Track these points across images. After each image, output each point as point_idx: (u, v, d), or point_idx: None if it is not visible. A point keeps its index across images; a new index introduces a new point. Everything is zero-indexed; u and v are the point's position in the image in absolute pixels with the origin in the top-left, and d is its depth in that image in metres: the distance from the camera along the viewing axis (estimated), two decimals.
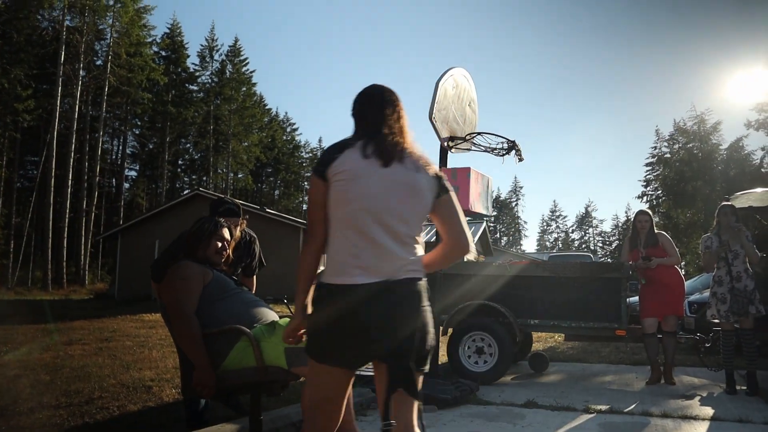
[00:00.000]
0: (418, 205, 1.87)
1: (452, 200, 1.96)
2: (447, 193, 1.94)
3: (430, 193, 1.89)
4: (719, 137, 31.03)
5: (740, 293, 5.08)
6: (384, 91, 2.04)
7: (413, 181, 1.85)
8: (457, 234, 1.96)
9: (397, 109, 1.99)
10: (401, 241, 1.83)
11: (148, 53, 36.12)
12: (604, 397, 4.92)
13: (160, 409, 4.43)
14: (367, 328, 1.76)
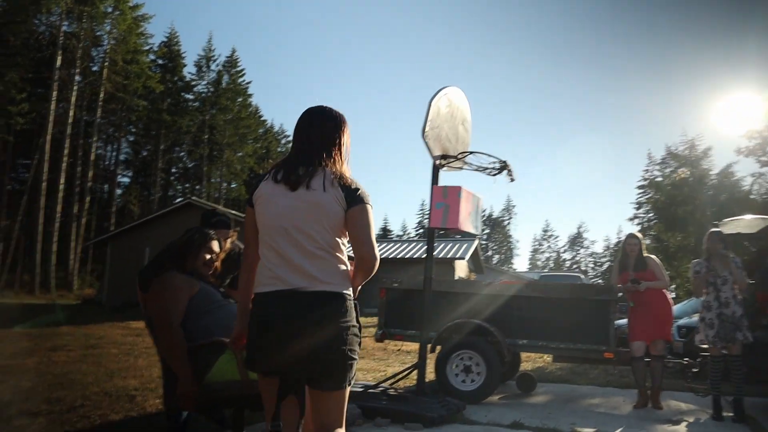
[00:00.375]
0: (324, 220, 1.98)
1: (360, 212, 2.02)
2: (356, 206, 2.00)
3: (338, 206, 1.99)
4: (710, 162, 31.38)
5: (728, 319, 5.09)
6: (312, 113, 2.19)
7: (318, 199, 2.00)
8: (359, 244, 2.01)
9: (322, 131, 2.12)
10: (310, 255, 1.98)
11: (145, 61, 36.21)
12: (591, 420, 4.90)
13: (142, 419, 4.39)
14: (271, 333, 1.96)
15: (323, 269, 1.97)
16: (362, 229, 2.01)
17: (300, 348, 1.92)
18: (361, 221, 2.01)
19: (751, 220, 6.30)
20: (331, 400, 2.01)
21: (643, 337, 5.62)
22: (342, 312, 1.97)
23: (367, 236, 2.00)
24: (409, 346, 9.68)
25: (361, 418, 4.47)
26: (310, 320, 1.93)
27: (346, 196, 2.00)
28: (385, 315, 6.17)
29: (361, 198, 2.02)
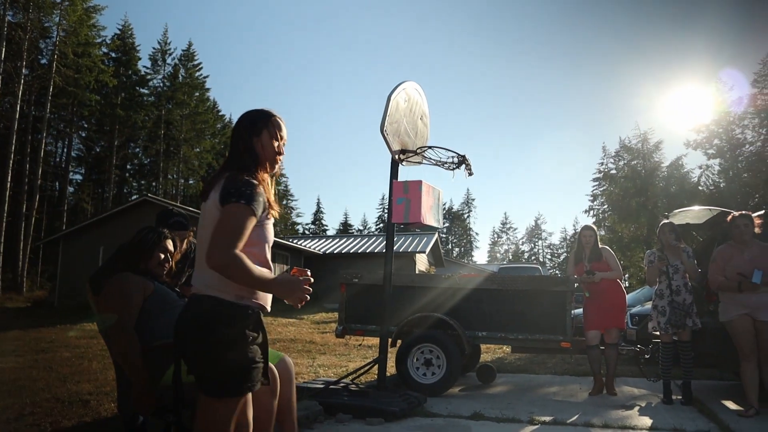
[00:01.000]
0: (209, 225, 1.98)
1: (210, 208, 2.01)
2: (224, 206, 1.95)
3: (216, 210, 1.98)
4: (661, 155, 32.43)
5: (678, 306, 5.28)
6: (239, 118, 2.20)
7: (208, 206, 2.04)
8: (209, 242, 1.92)
9: (241, 135, 2.14)
10: (202, 262, 1.99)
11: (97, 54, 34.95)
12: (549, 408, 5.01)
13: (97, 424, 4.26)
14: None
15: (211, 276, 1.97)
16: (216, 227, 1.93)
17: (182, 348, 2.06)
18: (208, 217, 2.00)
19: (699, 211, 6.53)
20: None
21: (598, 326, 5.78)
22: (204, 317, 1.97)
23: (217, 234, 1.90)
24: (370, 341, 9.70)
25: (323, 415, 4.46)
26: (187, 322, 2.03)
27: (219, 199, 1.97)
28: (345, 310, 6.16)
29: (227, 197, 1.95)
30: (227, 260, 1.86)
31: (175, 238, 3.23)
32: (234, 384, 1.98)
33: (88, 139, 40.01)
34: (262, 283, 1.97)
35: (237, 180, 1.99)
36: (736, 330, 4.74)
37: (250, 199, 1.95)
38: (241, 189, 1.96)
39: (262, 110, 2.20)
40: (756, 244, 4.81)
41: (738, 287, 4.68)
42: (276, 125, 2.19)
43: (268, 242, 2.10)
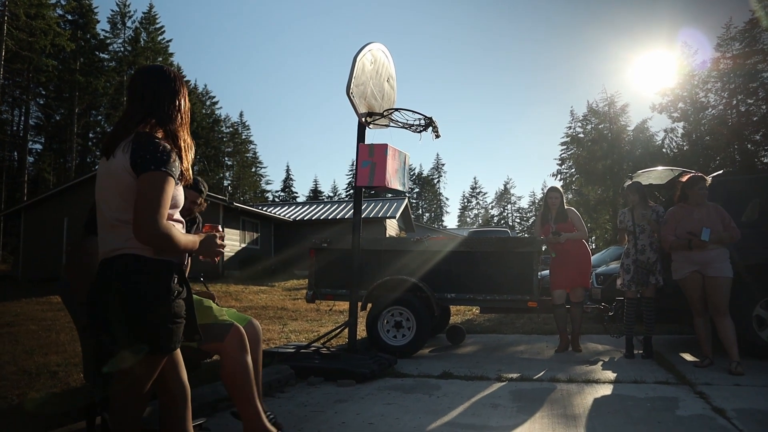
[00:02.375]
0: (117, 187, 1.90)
1: (117, 171, 1.89)
2: (141, 174, 1.85)
3: (126, 174, 1.87)
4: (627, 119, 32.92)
5: (642, 265, 5.45)
6: (151, 71, 2.08)
7: (114, 166, 1.91)
8: (134, 216, 1.85)
9: (168, 87, 2.05)
10: (109, 225, 1.94)
11: (52, 16, 33.44)
12: (516, 366, 5.15)
13: (66, 394, 4.22)
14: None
15: (128, 239, 1.90)
16: (141, 198, 1.84)
17: (102, 315, 1.96)
18: (143, 189, 1.85)
19: (662, 171, 6.66)
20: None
21: (564, 285, 5.92)
22: (127, 274, 1.90)
23: (146, 206, 1.82)
24: (340, 306, 9.77)
25: (294, 379, 4.50)
26: (104, 287, 1.94)
27: (132, 164, 1.86)
28: (315, 276, 6.17)
29: (150, 165, 1.85)
30: (157, 233, 1.82)
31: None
32: (158, 341, 1.91)
33: (46, 107, 38.59)
34: (187, 248, 1.97)
35: (151, 144, 1.88)
36: (687, 286, 4.93)
37: (168, 165, 1.88)
38: (157, 155, 1.86)
39: (170, 68, 2.13)
40: (705, 205, 4.96)
41: (688, 245, 4.84)
42: (185, 87, 2.15)
43: (178, 207, 2.04)
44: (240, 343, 2.66)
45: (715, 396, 3.88)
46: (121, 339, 1.89)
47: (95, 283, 1.96)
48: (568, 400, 3.89)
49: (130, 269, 1.88)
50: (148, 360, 1.93)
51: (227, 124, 57.35)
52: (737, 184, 5.76)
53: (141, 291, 1.87)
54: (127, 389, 1.99)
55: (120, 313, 1.86)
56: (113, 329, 1.89)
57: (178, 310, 1.96)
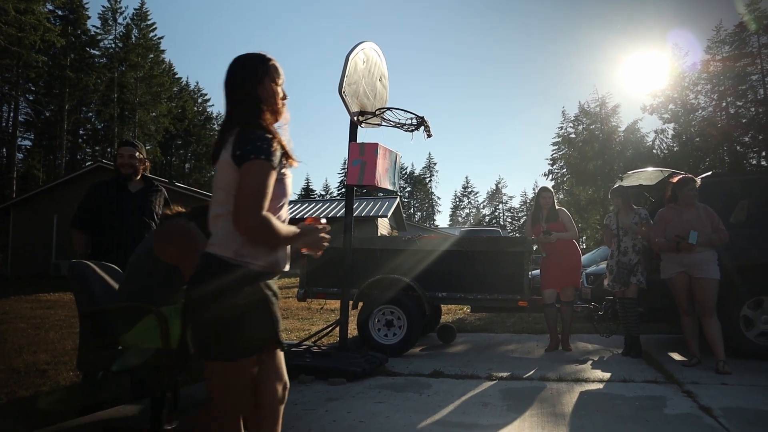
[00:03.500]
0: (220, 182, 1.86)
1: (223, 167, 1.85)
2: (243, 164, 1.80)
3: (229, 167, 1.83)
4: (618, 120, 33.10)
5: (624, 266, 5.53)
6: (232, 65, 1.99)
7: (219, 164, 1.89)
8: (234, 206, 1.81)
9: (239, 84, 1.95)
10: (212, 220, 1.90)
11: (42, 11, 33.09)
12: (506, 365, 5.18)
13: (55, 393, 4.20)
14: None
15: (217, 235, 1.87)
16: (242, 189, 1.79)
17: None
18: (245, 179, 1.79)
19: (652, 172, 6.71)
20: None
21: (554, 284, 5.96)
22: (202, 271, 1.85)
23: (247, 197, 1.77)
24: (332, 304, 9.77)
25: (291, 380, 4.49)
26: (193, 283, 1.90)
27: (233, 158, 1.82)
28: (306, 274, 6.17)
29: (251, 155, 1.80)
30: (256, 224, 1.76)
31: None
32: (231, 345, 1.81)
33: (36, 103, 38.29)
34: (288, 239, 1.89)
35: (250, 134, 1.84)
36: (674, 287, 4.98)
37: (268, 153, 1.82)
38: (257, 144, 1.82)
39: (257, 54, 2.01)
40: (695, 207, 5.01)
41: (676, 247, 4.89)
42: (276, 70, 2.01)
43: (287, 197, 1.97)
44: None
45: (702, 395, 3.93)
46: (193, 339, 1.85)
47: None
48: (558, 399, 3.92)
49: (204, 269, 1.85)
50: (225, 366, 1.84)
51: (219, 121, 56.95)
52: (726, 185, 5.82)
53: (205, 292, 1.81)
54: (213, 406, 1.88)
55: (193, 314, 1.84)
56: (187, 328, 1.87)
57: (250, 316, 1.84)
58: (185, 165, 53.45)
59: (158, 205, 4.08)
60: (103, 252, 3.71)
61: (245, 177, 1.78)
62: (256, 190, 1.77)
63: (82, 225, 3.91)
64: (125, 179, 4.00)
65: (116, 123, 40.33)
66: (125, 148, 4.07)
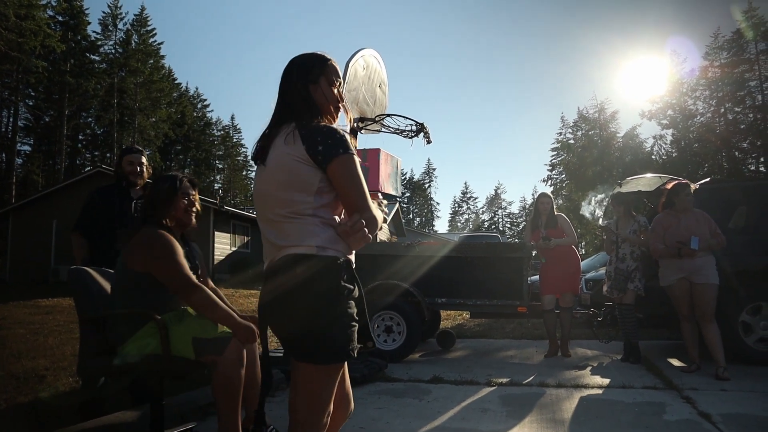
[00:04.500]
0: (292, 182, 1.73)
1: (284, 161, 1.74)
2: (333, 161, 1.70)
3: (299, 162, 1.71)
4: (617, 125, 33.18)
5: (621, 272, 5.54)
6: (288, 65, 1.90)
7: (280, 159, 1.76)
8: (346, 207, 1.76)
9: (294, 85, 1.85)
10: (274, 224, 1.77)
11: (42, 17, 33.20)
12: (506, 371, 5.18)
13: (54, 399, 4.19)
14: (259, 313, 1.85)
15: (295, 236, 1.73)
16: (345, 191, 1.72)
17: (275, 320, 1.79)
18: (341, 182, 1.72)
19: (650, 178, 6.73)
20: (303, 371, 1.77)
21: (554, 290, 5.97)
22: (297, 272, 1.70)
23: (353, 199, 1.71)
24: None
25: (285, 383, 4.50)
26: (275, 290, 1.75)
27: (314, 152, 1.70)
28: None
29: (332, 150, 1.71)
30: (374, 215, 1.73)
31: (194, 180, 3.12)
32: (334, 347, 1.70)
33: (36, 108, 38.31)
34: (381, 221, 1.85)
35: (325, 129, 1.75)
36: (674, 293, 4.99)
37: (350, 147, 1.74)
38: (338, 138, 1.72)
39: (315, 54, 1.92)
40: (692, 212, 5.03)
41: (678, 253, 4.90)
42: (333, 70, 1.91)
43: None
44: (237, 358, 2.63)
45: (701, 401, 3.93)
46: (292, 342, 1.77)
47: (267, 286, 1.80)
48: (557, 405, 3.93)
49: (297, 269, 1.71)
50: (322, 369, 1.73)
51: (218, 127, 57.21)
52: (725, 191, 5.85)
53: (312, 291, 1.71)
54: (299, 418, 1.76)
55: (288, 314, 1.76)
56: (281, 331, 1.78)
57: (352, 311, 1.76)
58: (184, 170, 53.39)
59: None
60: (103, 258, 3.71)
61: (342, 174, 1.71)
62: (360, 184, 1.73)
63: (84, 229, 3.91)
64: (129, 186, 4.00)
65: (116, 128, 40.35)
66: (134, 155, 4.06)
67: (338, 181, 1.71)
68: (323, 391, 1.74)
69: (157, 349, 2.65)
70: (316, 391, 1.74)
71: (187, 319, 2.76)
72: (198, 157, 52.87)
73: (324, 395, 1.75)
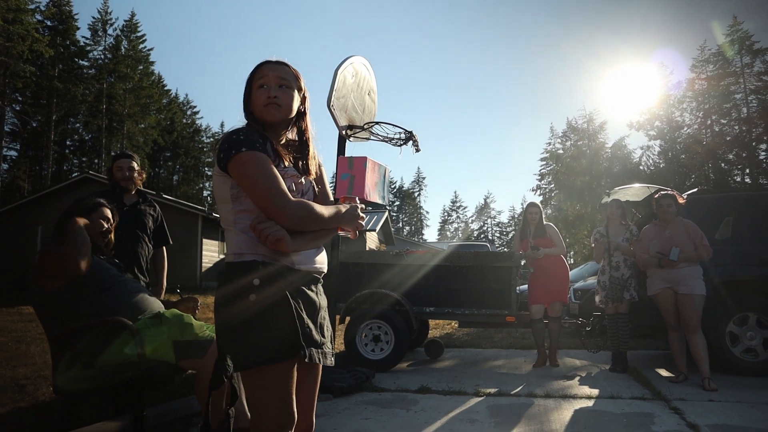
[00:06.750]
0: (216, 191, 1.78)
1: (214, 181, 1.77)
2: (229, 162, 1.69)
3: (216, 175, 1.75)
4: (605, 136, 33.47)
5: (616, 281, 5.52)
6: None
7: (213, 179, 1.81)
8: (262, 210, 1.72)
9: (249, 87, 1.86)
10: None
11: (30, 21, 33.05)
12: (494, 381, 5.15)
13: (34, 409, 4.10)
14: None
15: (230, 245, 1.77)
16: (250, 194, 1.68)
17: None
18: (243, 185, 1.69)
19: (638, 188, 6.76)
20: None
21: (542, 300, 5.95)
22: (223, 278, 1.73)
23: (259, 199, 1.67)
24: None
25: None
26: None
27: (217, 163, 1.71)
28: None
29: (225, 156, 1.68)
30: (293, 214, 1.66)
31: (113, 209, 3.11)
32: (245, 351, 1.66)
33: (23, 113, 37.96)
34: (333, 219, 1.80)
35: (224, 135, 1.75)
36: (660, 303, 5.00)
37: (247, 144, 1.68)
38: (233, 139, 1.70)
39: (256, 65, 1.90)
40: (677, 222, 5.04)
41: (658, 264, 4.91)
42: (256, 71, 1.84)
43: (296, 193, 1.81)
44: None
45: (689, 411, 3.92)
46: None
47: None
48: (545, 416, 3.90)
49: (221, 276, 1.78)
50: (249, 375, 1.69)
51: (208, 134, 57.00)
52: (712, 201, 5.87)
53: (221, 298, 1.75)
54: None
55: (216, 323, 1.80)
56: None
57: (266, 317, 1.69)
58: (173, 177, 53.15)
59: (151, 219, 4.03)
60: None
61: (240, 176, 1.68)
62: (262, 182, 1.66)
63: None
64: (122, 191, 3.94)
65: (104, 134, 40.10)
66: (123, 160, 3.97)
67: (239, 182, 1.69)
68: (258, 399, 1.68)
69: (132, 356, 2.60)
70: (252, 398, 1.70)
71: (165, 322, 2.71)
72: (187, 164, 52.62)
73: (260, 402, 1.68)
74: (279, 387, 1.67)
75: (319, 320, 1.82)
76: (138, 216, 3.93)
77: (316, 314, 1.81)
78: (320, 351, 1.76)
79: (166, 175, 52.99)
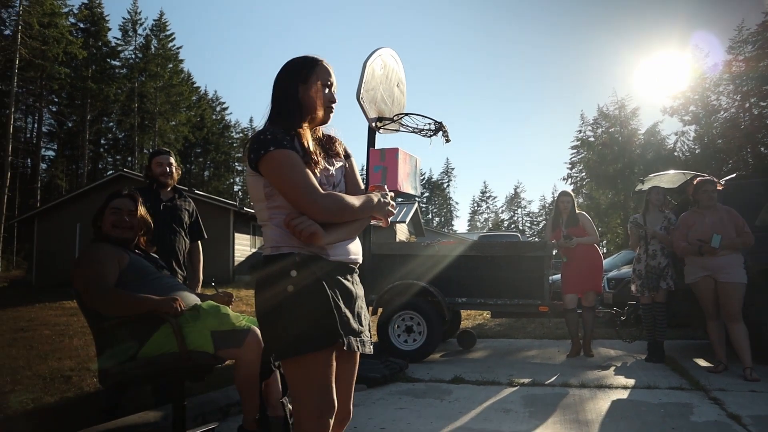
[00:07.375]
0: (251, 191, 1.83)
1: (247, 179, 1.84)
2: (260, 162, 1.72)
3: (249, 175, 1.81)
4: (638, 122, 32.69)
5: (653, 270, 5.42)
6: (280, 69, 1.93)
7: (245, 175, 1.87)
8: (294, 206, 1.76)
9: (282, 85, 1.89)
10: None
11: (65, 24, 33.81)
12: (527, 371, 5.13)
13: (80, 399, 4.25)
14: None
15: (266, 239, 1.83)
16: (282, 192, 1.72)
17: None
18: (274, 183, 1.73)
19: (673, 175, 6.62)
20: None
21: (575, 289, 5.88)
22: (264, 273, 1.78)
23: (291, 197, 1.71)
24: None
25: None
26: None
27: (249, 164, 1.76)
28: None
29: (255, 157, 1.72)
30: (324, 207, 1.70)
31: (135, 195, 3.13)
32: (286, 340, 1.69)
33: (59, 114, 39.03)
34: (365, 208, 1.81)
35: (253, 136, 1.79)
36: (699, 291, 4.89)
37: (275, 142, 1.72)
38: (261, 139, 1.74)
39: (306, 56, 1.92)
40: (718, 209, 4.91)
41: (698, 251, 4.80)
42: (325, 70, 1.90)
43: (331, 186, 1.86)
44: (258, 348, 2.66)
45: (730, 402, 3.84)
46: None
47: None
48: (581, 406, 3.87)
49: (264, 270, 1.82)
50: (291, 363, 1.73)
51: (237, 129, 57.68)
52: (751, 187, 5.71)
53: (260, 292, 1.81)
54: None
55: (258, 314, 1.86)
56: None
57: (304, 308, 1.74)
58: (204, 173, 53.98)
59: (186, 214, 4.11)
60: None
61: (271, 176, 1.72)
62: (290, 179, 1.69)
63: None
64: (159, 187, 4.03)
65: (137, 132, 40.92)
66: (162, 156, 4.06)
67: (270, 180, 1.74)
68: (298, 387, 1.72)
69: (174, 347, 2.66)
70: (292, 386, 1.74)
71: (203, 314, 2.77)
72: (218, 160, 53.37)
73: (301, 391, 1.71)
74: (319, 375, 1.70)
75: (357, 309, 1.86)
76: (175, 211, 4.02)
77: (353, 303, 1.84)
78: (358, 339, 1.79)
79: (197, 171, 53.85)
